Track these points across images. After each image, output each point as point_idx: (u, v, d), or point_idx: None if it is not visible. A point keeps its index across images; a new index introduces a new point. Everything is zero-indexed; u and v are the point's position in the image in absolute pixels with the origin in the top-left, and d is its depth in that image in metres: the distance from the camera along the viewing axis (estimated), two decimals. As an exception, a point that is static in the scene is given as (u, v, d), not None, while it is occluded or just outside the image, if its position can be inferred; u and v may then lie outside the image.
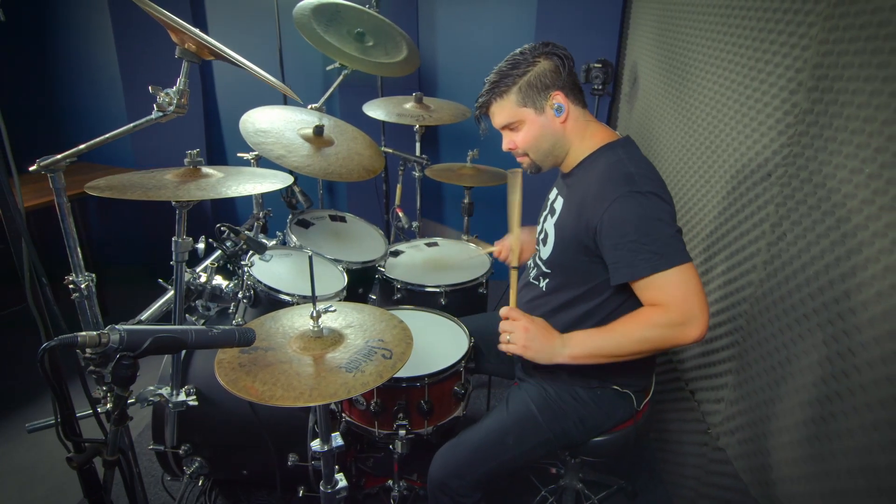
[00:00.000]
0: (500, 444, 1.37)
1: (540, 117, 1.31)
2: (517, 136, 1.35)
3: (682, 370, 1.90)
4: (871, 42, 1.03)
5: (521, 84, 1.28)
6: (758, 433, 1.39)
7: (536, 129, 1.32)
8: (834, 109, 1.14)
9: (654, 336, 1.20)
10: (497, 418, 1.42)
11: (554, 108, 1.30)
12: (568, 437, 1.42)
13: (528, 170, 1.41)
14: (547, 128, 1.32)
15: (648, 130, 2.35)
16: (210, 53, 1.09)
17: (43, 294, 0.91)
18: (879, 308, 1.00)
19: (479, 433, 1.40)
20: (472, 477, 1.36)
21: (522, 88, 1.29)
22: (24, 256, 0.85)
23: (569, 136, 1.34)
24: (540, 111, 1.30)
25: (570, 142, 1.35)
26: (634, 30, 2.76)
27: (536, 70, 1.28)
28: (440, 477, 1.37)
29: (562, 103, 1.29)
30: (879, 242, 1.00)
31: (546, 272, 1.42)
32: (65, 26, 3.33)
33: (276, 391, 0.95)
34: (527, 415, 1.40)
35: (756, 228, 1.44)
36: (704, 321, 1.17)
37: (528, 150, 1.36)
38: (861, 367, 1.04)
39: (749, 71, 1.50)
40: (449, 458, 1.38)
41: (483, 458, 1.37)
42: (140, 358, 0.76)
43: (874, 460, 1.00)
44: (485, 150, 2.49)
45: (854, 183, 1.07)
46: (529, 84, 1.28)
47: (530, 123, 1.32)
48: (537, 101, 1.29)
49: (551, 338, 1.27)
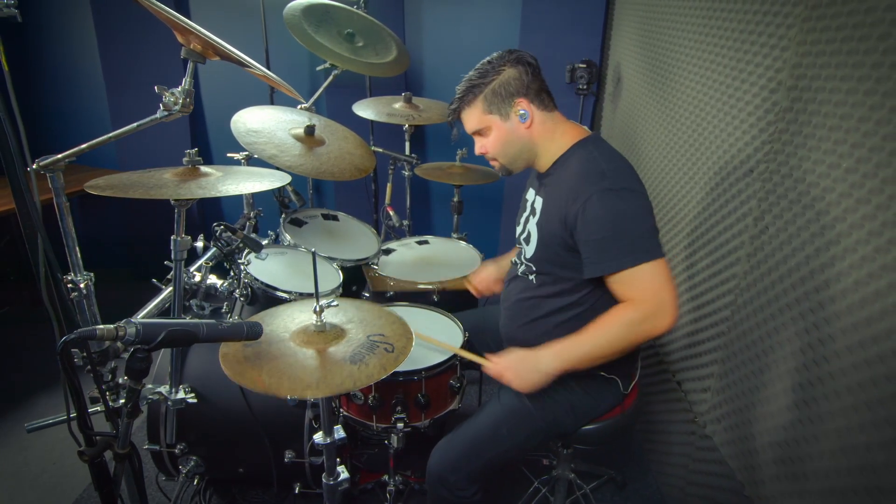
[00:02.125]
0: (495, 437, 1.41)
1: (506, 123, 1.37)
2: (487, 141, 1.41)
3: (668, 362, 1.95)
4: (847, 43, 1.09)
5: (486, 92, 1.34)
6: (743, 420, 1.45)
7: (503, 134, 1.38)
8: (812, 107, 1.19)
9: (630, 333, 1.27)
10: (491, 412, 1.45)
11: (519, 115, 1.35)
12: (560, 425, 1.45)
13: (499, 172, 1.49)
14: (513, 133, 1.38)
15: (632, 129, 2.40)
16: (215, 53, 1.11)
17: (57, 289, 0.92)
18: (857, 296, 1.05)
19: (474, 427, 1.43)
20: (469, 470, 1.39)
21: (488, 97, 1.35)
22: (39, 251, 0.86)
23: (535, 139, 1.39)
24: (505, 118, 1.36)
25: (538, 144, 1.40)
26: (617, 30, 2.81)
27: (501, 78, 1.34)
28: (438, 471, 1.40)
29: (526, 109, 1.35)
30: (856, 234, 1.05)
31: (533, 269, 1.46)
32: (47, 28, 3.28)
33: (284, 382, 0.97)
34: (519, 406, 1.44)
35: (739, 223, 1.49)
36: (674, 311, 1.24)
37: (496, 155, 1.42)
38: (840, 353, 1.09)
39: (730, 71, 1.54)
40: (446, 453, 1.41)
41: (479, 451, 1.40)
42: (154, 351, 0.78)
43: (854, 440, 1.05)
44: (474, 149, 2.52)
45: (832, 177, 1.12)
46: (494, 92, 1.34)
47: (497, 129, 1.38)
48: (502, 109, 1.35)
49: (536, 364, 1.32)
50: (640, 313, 1.25)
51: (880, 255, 0.99)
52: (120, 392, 1.33)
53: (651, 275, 1.24)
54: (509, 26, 3.07)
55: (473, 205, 3.16)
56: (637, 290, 1.25)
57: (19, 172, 0.80)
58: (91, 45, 3.20)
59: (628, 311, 1.26)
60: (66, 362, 0.68)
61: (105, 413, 0.90)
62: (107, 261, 3.57)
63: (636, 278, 1.24)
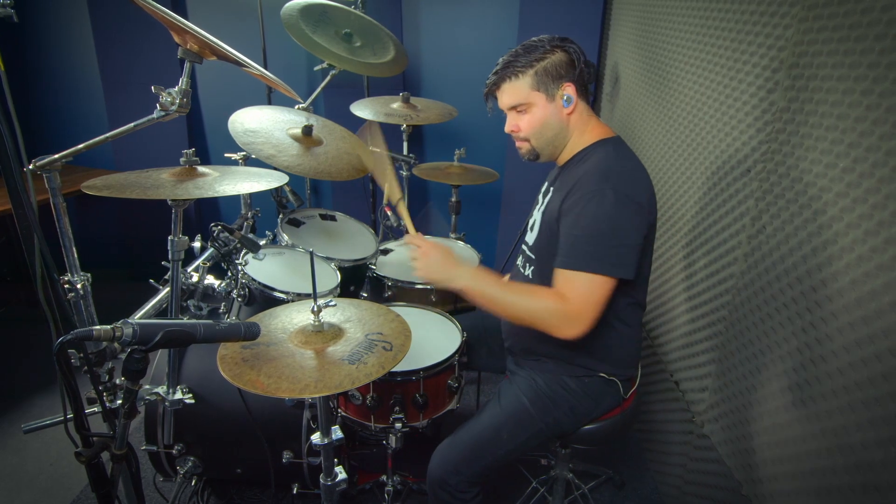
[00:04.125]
0: (496, 439, 1.41)
1: (549, 104, 1.34)
2: (523, 119, 1.37)
3: (666, 362, 1.95)
4: (844, 43, 1.09)
5: (537, 68, 1.32)
6: (741, 419, 1.45)
7: (544, 115, 1.35)
8: (809, 107, 1.19)
9: (540, 317, 1.25)
10: (491, 413, 1.45)
11: (563, 99, 1.33)
12: (560, 426, 1.45)
13: (525, 156, 1.44)
14: (554, 116, 1.35)
15: (630, 129, 2.40)
16: (212, 53, 1.10)
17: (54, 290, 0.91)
18: (853, 295, 1.05)
19: (474, 430, 1.43)
20: (470, 472, 1.38)
21: (539, 73, 1.32)
22: (35, 252, 0.86)
23: (571, 128, 1.38)
24: (551, 98, 1.34)
25: (571, 134, 1.39)
26: (615, 31, 2.81)
27: (553, 59, 1.32)
28: (439, 474, 1.39)
29: (572, 95, 1.33)
30: (853, 233, 1.05)
31: (531, 258, 1.46)
32: (44, 28, 3.27)
33: (282, 383, 0.97)
34: (519, 408, 1.43)
35: (737, 222, 1.49)
36: (583, 330, 1.23)
37: (530, 136, 1.38)
38: (837, 352, 1.09)
39: (728, 71, 1.54)
40: (446, 456, 1.41)
41: (480, 453, 1.40)
42: (151, 351, 0.78)
43: (850, 439, 1.05)
44: (472, 149, 2.52)
45: (829, 177, 1.12)
46: (546, 70, 1.31)
47: (539, 109, 1.34)
48: (550, 88, 1.32)
49: (451, 266, 1.32)
50: (560, 312, 1.22)
51: (877, 254, 0.99)
52: (117, 393, 1.33)
53: (590, 288, 1.22)
54: (507, 26, 3.07)
55: (474, 205, 3.16)
56: (574, 292, 1.23)
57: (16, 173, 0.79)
58: (88, 45, 3.19)
59: (554, 300, 1.24)
60: (62, 363, 0.68)
61: (102, 414, 0.89)
62: (104, 261, 3.56)
63: (576, 283, 1.23)
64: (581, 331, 1.22)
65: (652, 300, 2.13)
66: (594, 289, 1.22)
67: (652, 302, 2.13)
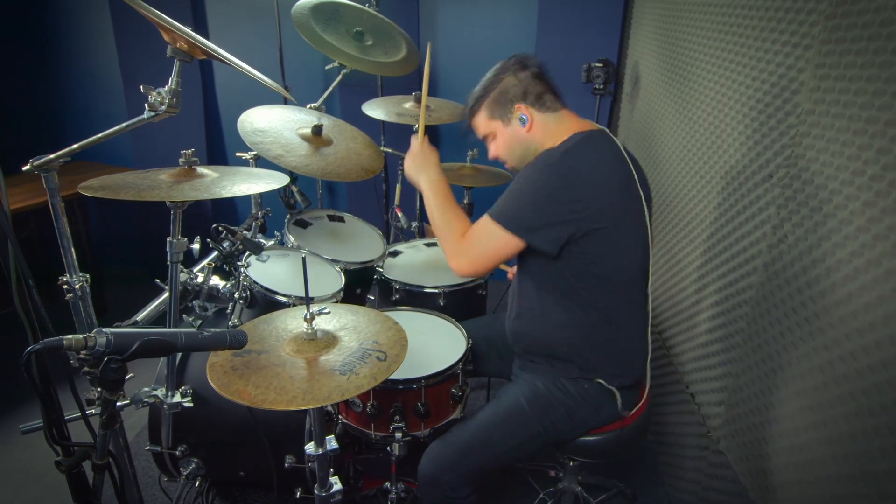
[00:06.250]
0: (490, 439, 1.39)
1: (507, 128, 1.44)
2: (494, 145, 1.50)
3: (682, 372, 1.88)
4: (874, 41, 1.02)
5: (488, 101, 1.44)
6: (758, 437, 1.38)
7: (507, 138, 1.45)
8: (836, 110, 1.12)
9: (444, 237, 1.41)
10: (487, 412, 1.44)
11: (519, 119, 1.42)
12: (556, 430, 1.43)
13: (512, 173, 1.55)
14: (515, 137, 1.44)
15: (650, 130, 2.33)
16: (202, 53, 1.08)
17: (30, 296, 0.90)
18: (880, 312, 0.98)
19: (470, 427, 1.42)
20: (463, 471, 1.37)
21: (490, 105, 1.44)
22: (10, 258, 0.84)
23: (537, 140, 1.43)
24: (507, 123, 1.44)
25: (541, 144, 1.43)
26: (636, 29, 2.74)
27: (501, 87, 1.42)
28: (430, 472, 1.38)
29: (524, 114, 1.41)
30: (881, 245, 0.98)
31: None
32: (65, 27, 3.32)
33: (269, 395, 0.94)
34: (516, 408, 1.42)
35: (757, 231, 1.43)
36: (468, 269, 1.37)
37: (505, 158, 1.50)
38: (862, 372, 1.02)
39: (751, 71, 1.48)
40: (439, 453, 1.39)
41: (473, 452, 1.38)
42: (128, 361, 0.75)
43: (874, 466, 0.98)
44: (484, 150, 2.46)
45: (856, 185, 1.05)
46: (495, 100, 1.43)
47: (500, 134, 1.46)
48: (504, 115, 1.43)
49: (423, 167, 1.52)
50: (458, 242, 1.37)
51: (907, 269, 0.92)
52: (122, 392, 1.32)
53: (487, 231, 1.33)
54: (525, 25, 3.02)
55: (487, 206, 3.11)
56: (475, 232, 1.36)
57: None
58: (109, 44, 3.23)
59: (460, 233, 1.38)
60: (31, 374, 0.65)
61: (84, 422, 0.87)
62: (122, 259, 3.61)
63: (479, 224, 1.35)
64: (463, 268, 1.37)
65: (668, 308, 2.07)
66: (490, 238, 1.33)
67: (668, 310, 2.06)
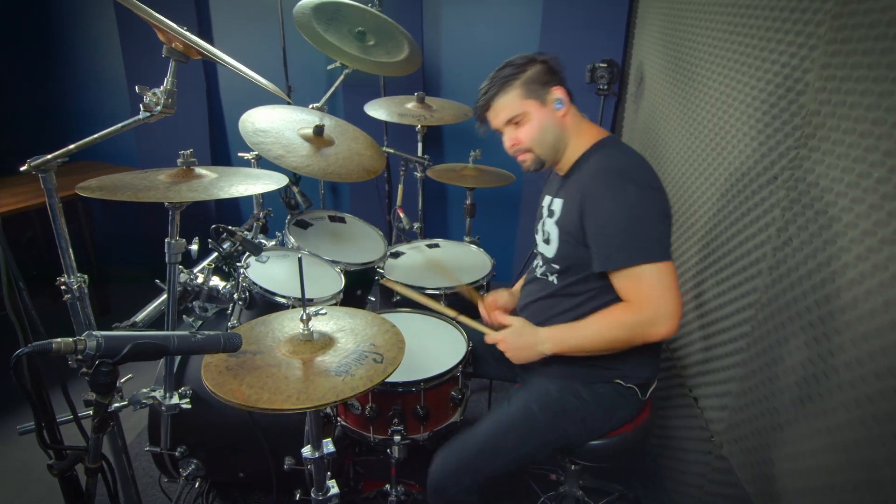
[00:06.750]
0: (501, 447, 1.36)
1: (543, 109, 1.36)
2: (521, 130, 1.37)
3: (686, 375, 1.86)
4: (881, 41, 1.00)
5: (523, 79, 1.35)
6: (761, 443, 1.36)
7: (541, 120, 1.35)
8: (842, 111, 1.10)
9: (623, 336, 1.26)
10: (497, 418, 1.40)
11: (555, 102, 1.35)
12: (568, 438, 1.40)
13: (530, 167, 1.42)
14: (550, 120, 1.36)
15: (654, 131, 2.31)
16: (197, 53, 1.07)
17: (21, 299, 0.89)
18: (887, 317, 0.96)
19: (479, 434, 1.38)
20: (472, 479, 1.34)
21: (526, 83, 1.35)
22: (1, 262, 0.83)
23: (568, 130, 1.38)
24: (543, 104, 1.35)
25: (570, 136, 1.39)
26: (641, 29, 2.72)
27: (533, 70, 1.36)
28: (439, 479, 1.35)
29: (562, 97, 1.35)
30: (887, 250, 0.96)
31: (555, 268, 1.43)
32: (70, 29, 3.34)
33: (263, 395, 0.93)
34: (527, 415, 1.38)
35: (761, 233, 1.40)
36: (675, 321, 1.22)
37: (532, 145, 1.38)
38: (867, 378, 1.00)
39: (755, 71, 1.46)
40: (448, 460, 1.36)
41: (483, 460, 1.35)
42: (119, 364, 0.74)
43: (880, 475, 0.96)
44: (487, 151, 2.46)
45: (862, 187, 1.03)
46: (531, 79, 1.35)
47: (535, 115, 1.35)
48: (540, 94, 1.35)
49: (532, 340, 1.35)
50: (638, 318, 1.23)
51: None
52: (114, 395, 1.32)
53: (657, 277, 1.21)
54: (530, 25, 3.00)
55: (489, 208, 3.10)
56: (638, 291, 1.23)
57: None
58: (114, 46, 3.25)
59: (626, 313, 1.26)
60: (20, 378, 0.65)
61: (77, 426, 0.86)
62: (127, 259, 3.62)
63: (640, 278, 1.22)
64: (671, 325, 1.22)
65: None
66: (653, 279, 1.21)
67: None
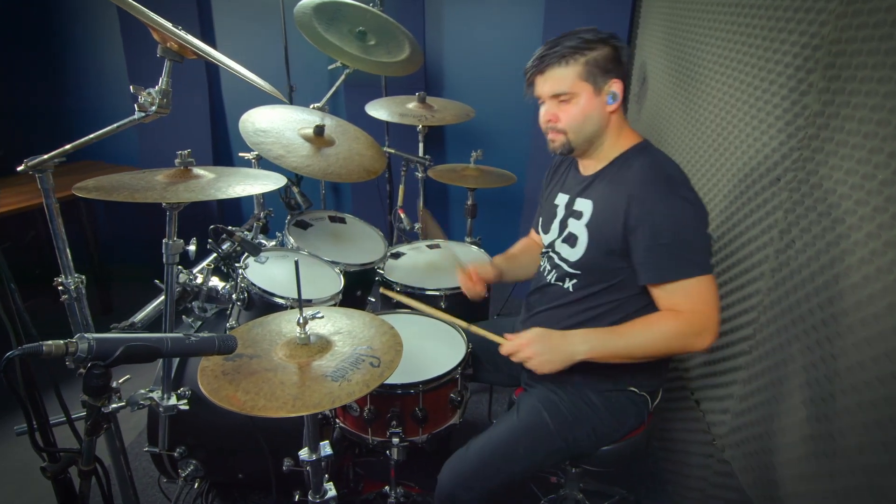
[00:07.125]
0: (512, 455, 1.33)
1: (595, 98, 1.27)
2: (564, 109, 1.28)
3: (688, 378, 1.85)
4: (886, 42, 0.98)
5: (588, 58, 1.24)
6: (764, 447, 1.34)
7: (588, 108, 1.27)
8: (846, 112, 1.09)
9: (669, 343, 1.24)
10: (507, 427, 1.37)
11: (609, 95, 1.27)
12: (579, 446, 1.38)
13: (558, 149, 1.34)
14: (597, 111, 1.28)
15: (657, 131, 2.30)
16: (193, 53, 1.07)
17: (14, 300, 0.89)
18: (890, 322, 0.95)
19: (489, 443, 1.35)
20: (483, 488, 1.31)
21: (590, 63, 1.25)
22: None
23: (611, 128, 1.32)
24: (597, 92, 1.27)
25: (609, 135, 1.32)
26: (643, 29, 2.70)
27: (603, 51, 1.25)
28: (449, 489, 1.32)
29: (618, 93, 1.27)
30: (892, 252, 0.95)
31: (573, 273, 1.37)
32: (72, 28, 3.34)
33: (259, 401, 0.92)
34: (538, 423, 1.35)
35: (764, 235, 1.39)
36: (716, 333, 1.21)
37: (569, 129, 1.30)
38: (871, 383, 0.99)
39: (758, 72, 1.45)
40: (458, 469, 1.34)
41: (494, 469, 1.32)
42: (112, 367, 0.74)
43: (883, 480, 0.95)
44: (489, 151, 2.45)
45: (866, 189, 1.02)
46: (596, 61, 1.25)
47: (585, 101, 1.26)
48: (598, 81, 1.26)
49: (563, 344, 1.27)
50: (687, 326, 1.20)
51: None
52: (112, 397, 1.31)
53: (705, 289, 1.20)
54: (532, 25, 2.99)
55: (491, 208, 3.09)
56: (690, 302, 1.21)
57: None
58: (116, 46, 3.26)
59: (672, 322, 1.22)
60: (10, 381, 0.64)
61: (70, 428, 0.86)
62: (130, 258, 3.62)
63: (690, 291, 1.20)
64: (713, 337, 1.20)
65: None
66: (704, 291, 1.20)
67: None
